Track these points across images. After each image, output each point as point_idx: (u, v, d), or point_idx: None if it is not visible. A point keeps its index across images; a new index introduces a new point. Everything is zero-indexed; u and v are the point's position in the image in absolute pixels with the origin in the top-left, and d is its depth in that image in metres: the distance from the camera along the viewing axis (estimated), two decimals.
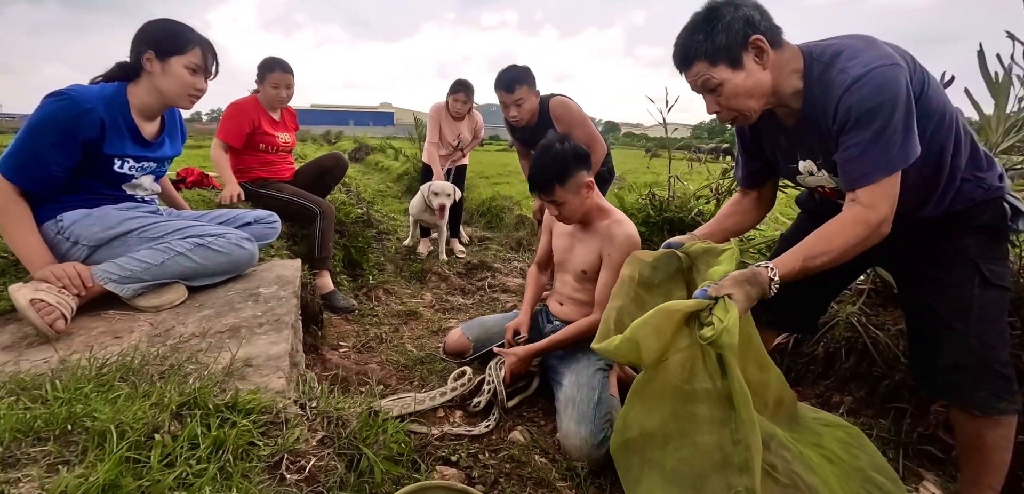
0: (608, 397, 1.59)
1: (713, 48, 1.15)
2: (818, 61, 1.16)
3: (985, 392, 1.20)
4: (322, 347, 2.02)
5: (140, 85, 1.52)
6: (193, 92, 1.54)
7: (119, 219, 1.48)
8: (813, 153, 1.27)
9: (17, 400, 0.87)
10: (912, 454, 1.68)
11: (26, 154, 1.36)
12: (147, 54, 1.48)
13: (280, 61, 2.68)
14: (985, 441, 1.24)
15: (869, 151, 1.09)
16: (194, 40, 1.53)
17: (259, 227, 1.89)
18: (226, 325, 1.29)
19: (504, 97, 2.61)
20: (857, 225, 1.12)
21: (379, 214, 4.98)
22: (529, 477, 1.37)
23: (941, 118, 1.17)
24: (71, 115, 1.36)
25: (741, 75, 1.15)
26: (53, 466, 0.70)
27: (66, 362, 1.05)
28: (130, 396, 0.88)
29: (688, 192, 3.48)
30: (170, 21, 1.55)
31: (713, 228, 1.57)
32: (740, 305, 1.08)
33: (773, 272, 1.13)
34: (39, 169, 1.38)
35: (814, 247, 1.15)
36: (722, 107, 1.21)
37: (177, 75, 1.50)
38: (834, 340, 2.08)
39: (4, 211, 1.38)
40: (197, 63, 1.53)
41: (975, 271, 1.20)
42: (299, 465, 0.84)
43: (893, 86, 1.06)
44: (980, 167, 1.23)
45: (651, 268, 1.44)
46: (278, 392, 0.98)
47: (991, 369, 1.19)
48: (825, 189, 1.34)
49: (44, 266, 1.37)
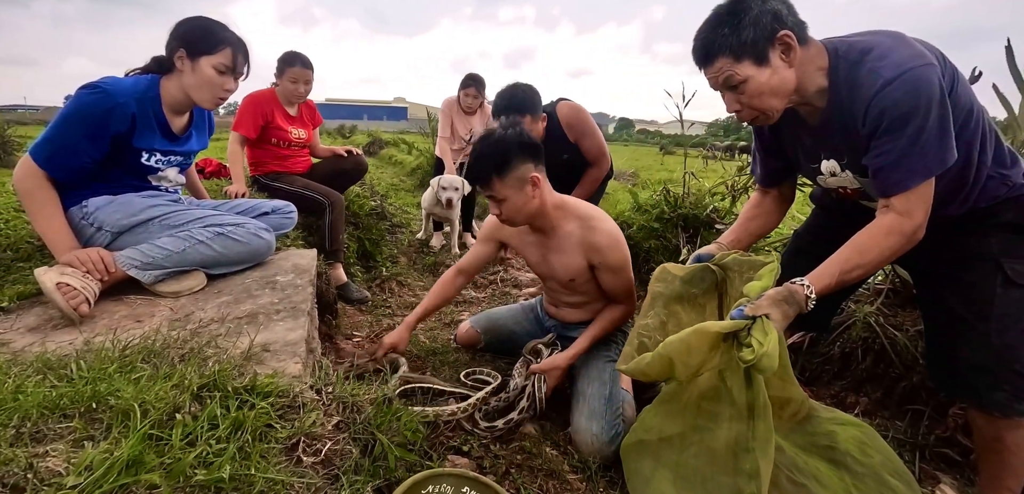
0: (619, 393, 1.59)
1: (739, 43, 1.10)
2: (845, 59, 1.12)
3: (1005, 393, 1.17)
4: (336, 336, 2.05)
5: (171, 80, 1.54)
6: (220, 93, 1.55)
7: (142, 207, 1.51)
8: (837, 153, 1.24)
9: (44, 378, 0.90)
10: (929, 457, 1.65)
11: (58, 143, 1.40)
12: (179, 52, 1.51)
13: (300, 56, 2.70)
14: (1005, 443, 1.22)
15: (905, 158, 1.06)
16: (226, 40, 1.53)
17: (276, 217, 1.91)
18: (244, 311, 1.32)
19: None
20: (892, 235, 1.10)
21: (392, 207, 5.01)
22: (540, 469, 1.38)
23: (969, 116, 1.14)
24: (104, 108, 1.39)
25: (766, 72, 1.11)
26: (78, 442, 0.72)
27: (90, 344, 1.08)
28: (152, 377, 0.90)
29: (703, 189, 3.45)
30: (204, 20, 1.55)
31: (738, 233, 1.54)
32: (777, 324, 1.06)
33: (809, 289, 1.10)
34: (69, 158, 1.41)
35: (850, 260, 1.12)
36: (744, 106, 1.17)
37: (205, 75, 1.51)
38: (851, 340, 2.05)
39: (33, 196, 1.41)
40: (226, 64, 1.53)
41: (998, 270, 1.18)
42: (315, 448, 0.85)
43: (927, 88, 1.02)
44: (1004, 164, 1.20)
45: (683, 282, 1.42)
46: (295, 377, 1.00)
47: (1012, 370, 1.17)
48: (846, 189, 1.31)
49: (69, 251, 1.40)
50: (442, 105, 3.79)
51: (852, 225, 1.20)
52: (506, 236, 1.80)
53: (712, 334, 1.09)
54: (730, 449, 1.18)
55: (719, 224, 3.11)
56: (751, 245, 1.58)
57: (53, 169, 1.41)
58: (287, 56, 2.70)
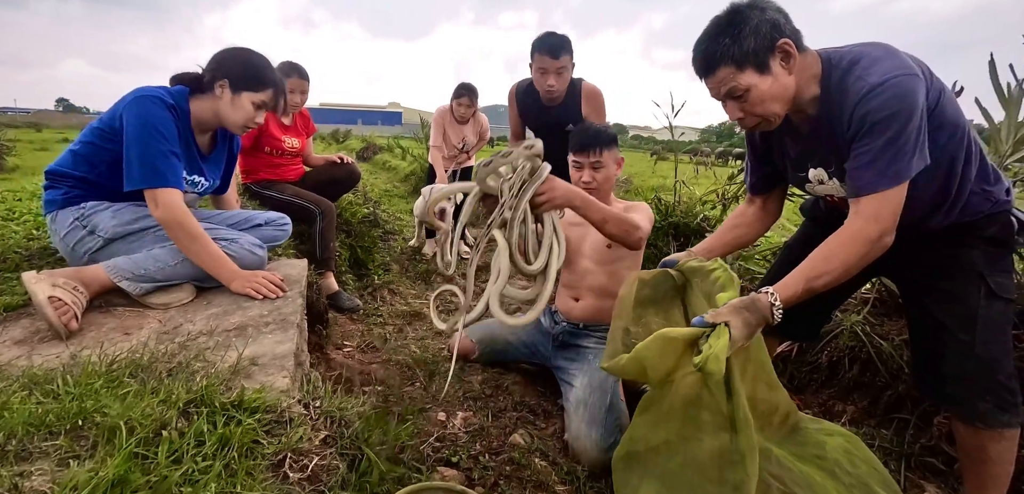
0: (619, 402, 1.60)
1: (740, 52, 1.11)
2: (837, 67, 1.15)
3: (988, 404, 1.19)
4: (327, 346, 2.05)
5: (204, 101, 1.56)
6: (251, 125, 1.60)
7: (137, 216, 1.51)
8: (825, 161, 1.26)
9: (30, 394, 0.89)
10: (914, 465, 1.67)
11: (164, 161, 1.43)
12: (222, 81, 1.53)
13: (296, 66, 2.71)
14: (988, 454, 1.24)
15: (879, 160, 1.08)
16: (270, 82, 1.58)
17: (270, 229, 1.91)
18: (233, 323, 1.32)
19: (547, 62, 2.38)
20: (856, 241, 1.11)
21: (385, 214, 5.01)
22: (529, 479, 1.39)
23: (954, 130, 1.16)
24: (172, 118, 1.45)
25: (768, 80, 1.13)
26: (64, 460, 0.72)
27: (77, 358, 1.07)
28: (139, 393, 0.90)
29: (694, 197, 3.48)
30: (255, 58, 1.59)
31: (714, 242, 1.56)
32: (738, 332, 1.07)
33: (774, 298, 1.12)
34: (177, 172, 1.46)
35: (815, 267, 1.14)
36: (747, 113, 1.19)
37: (244, 109, 1.55)
38: (838, 349, 2.08)
39: (193, 224, 1.46)
40: (266, 102, 1.57)
41: (981, 282, 1.20)
42: (302, 464, 0.86)
43: (911, 96, 1.05)
44: (988, 180, 1.23)
45: (649, 287, 1.45)
46: (283, 391, 1.00)
47: (995, 381, 1.19)
48: (833, 198, 1.33)
49: (238, 276, 1.50)
50: (435, 114, 3.81)
51: None
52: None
53: (675, 339, 1.11)
54: (715, 460, 1.19)
55: (709, 232, 3.13)
56: (726, 256, 1.60)
57: (177, 182, 1.45)
58: (283, 66, 2.71)
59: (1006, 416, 1.19)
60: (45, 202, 1.54)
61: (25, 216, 2.03)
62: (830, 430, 1.44)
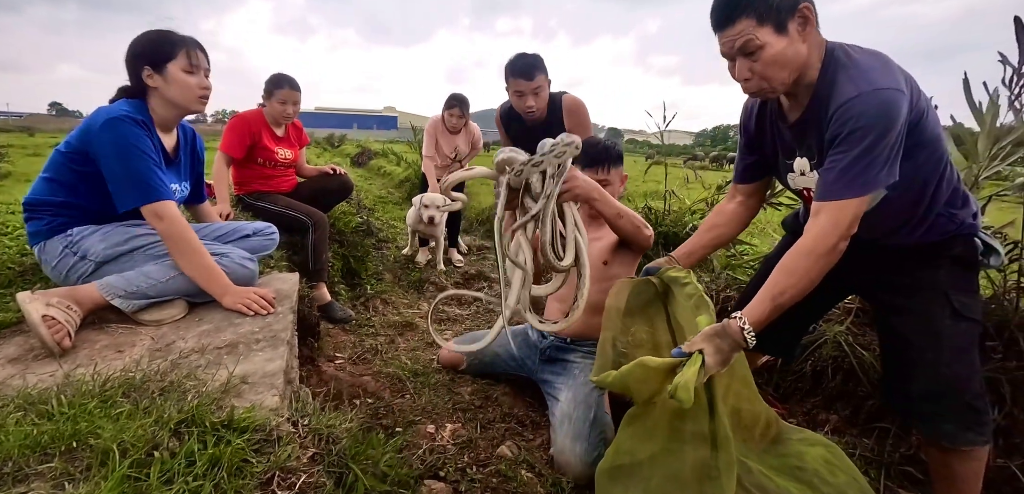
0: (603, 415, 1.63)
1: (764, 5, 1.11)
2: (836, 62, 1.17)
3: (953, 424, 1.22)
4: (318, 359, 2.07)
5: (153, 99, 1.57)
6: (199, 91, 1.59)
7: (126, 236, 1.54)
8: (809, 152, 1.28)
9: (25, 415, 0.92)
10: (893, 474, 1.71)
11: (155, 177, 1.46)
12: (145, 71, 1.53)
13: (288, 78, 2.75)
14: (954, 471, 1.26)
15: (850, 169, 1.10)
16: (180, 41, 1.56)
17: (258, 239, 1.93)
18: (224, 341, 1.34)
19: (522, 85, 2.42)
20: (812, 255, 1.14)
21: (379, 222, 5.03)
22: (515, 492, 1.42)
23: (933, 149, 1.19)
24: (145, 132, 1.48)
25: (784, 41, 1.13)
26: (59, 482, 0.75)
27: (71, 377, 1.10)
28: (132, 413, 0.93)
29: (684, 206, 3.53)
30: (150, 32, 1.58)
31: (693, 245, 1.60)
32: (711, 360, 1.11)
33: (744, 322, 1.15)
34: (164, 179, 1.50)
35: (778, 284, 1.17)
36: (754, 74, 1.18)
37: (179, 80, 1.55)
38: (822, 359, 2.12)
39: (193, 236, 1.50)
40: (189, 63, 1.56)
41: (946, 302, 1.23)
42: (290, 482, 0.88)
43: (892, 111, 1.07)
44: (956, 204, 1.26)
45: (634, 296, 1.49)
46: (272, 410, 1.03)
47: (961, 400, 1.21)
48: (810, 192, 1.35)
49: (231, 291, 1.53)
50: (427, 125, 3.85)
51: None
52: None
53: (656, 369, 1.15)
54: (696, 474, 1.23)
55: None
56: (705, 257, 1.63)
57: (170, 195, 1.49)
58: (275, 78, 2.75)
59: (971, 435, 1.21)
60: (30, 234, 1.55)
61: (18, 230, 2.04)
62: (812, 440, 1.48)
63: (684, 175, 4.06)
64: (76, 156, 1.49)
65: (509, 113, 2.69)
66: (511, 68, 2.45)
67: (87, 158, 1.47)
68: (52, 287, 1.59)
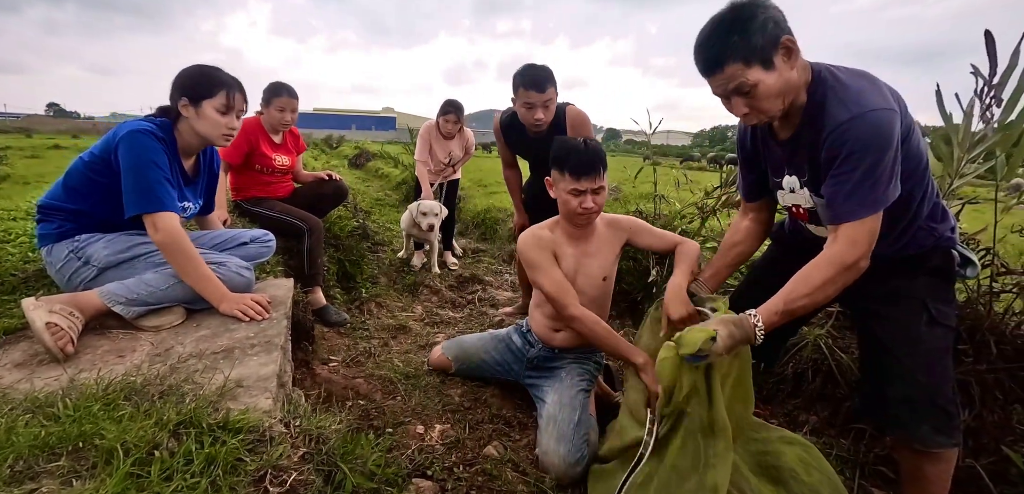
0: (587, 418, 1.68)
1: (748, 49, 1.15)
2: (825, 83, 1.21)
3: (927, 427, 1.27)
4: (313, 361, 2.13)
5: (182, 125, 1.68)
6: (225, 131, 1.70)
7: (129, 244, 1.61)
8: (799, 170, 1.33)
9: (33, 418, 0.98)
10: (867, 473, 1.77)
11: (160, 188, 1.53)
12: (182, 101, 1.64)
13: (286, 86, 2.82)
14: (925, 473, 1.32)
15: (857, 190, 1.15)
16: (222, 82, 1.68)
17: (255, 246, 2.00)
18: (221, 346, 1.40)
19: (533, 97, 2.35)
20: (834, 266, 1.19)
21: (375, 224, 5.09)
22: (499, 490, 1.48)
23: (917, 164, 1.25)
24: (161, 148, 1.57)
25: (773, 75, 1.17)
26: (67, 480, 0.81)
27: (75, 381, 1.16)
28: (133, 415, 0.99)
29: (674, 210, 3.59)
30: (201, 67, 1.70)
31: (717, 266, 1.64)
32: (722, 342, 1.18)
33: (757, 319, 1.21)
34: (172, 193, 1.57)
35: (794, 290, 1.21)
36: (752, 109, 1.23)
37: (209, 117, 1.66)
38: (802, 361, 2.18)
39: (189, 246, 1.56)
40: (225, 104, 1.67)
41: (923, 310, 1.28)
42: (281, 479, 0.95)
43: (887, 130, 1.13)
44: (936, 218, 1.32)
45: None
46: (265, 412, 1.09)
47: (936, 404, 1.27)
48: (800, 209, 1.40)
49: (227, 298, 1.60)
50: (421, 130, 3.92)
51: (801, 258, 1.29)
52: (548, 244, 1.83)
53: (672, 353, 1.24)
54: (693, 464, 1.29)
55: None
56: (729, 275, 1.68)
57: (174, 207, 1.57)
58: (273, 86, 2.81)
59: (942, 437, 1.27)
60: (39, 236, 1.63)
61: (21, 237, 2.09)
62: (790, 439, 1.55)
63: (675, 177, 4.12)
64: (97, 163, 1.58)
65: (510, 122, 2.65)
66: (522, 79, 2.39)
67: (107, 166, 1.56)
68: (54, 288, 1.67)
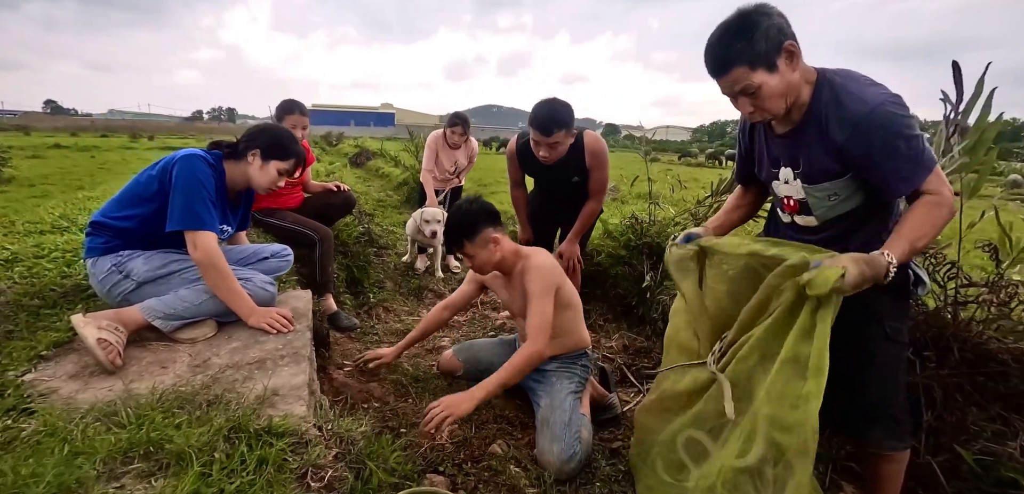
0: (578, 418, 1.83)
1: (753, 54, 1.24)
2: (831, 83, 1.29)
3: (880, 433, 1.42)
4: (329, 367, 2.29)
5: (237, 166, 1.89)
6: (274, 187, 1.95)
7: (166, 261, 1.77)
8: (794, 163, 1.41)
9: (103, 425, 1.14)
10: (839, 469, 1.93)
11: (207, 211, 1.70)
12: (254, 151, 1.86)
13: (298, 104, 2.98)
14: (880, 472, 1.48)
15: (908, 160, 1.23)
16: (293, 153, 1.93)
17: (275, 261, 2.15)
18: (254, 357, 1.56)
19: (537, 137, 2.41)
20: (939, 207, 1.23)
21: (379, 227, 5.23)
22: (504, 484, 1.65)
23: None
24: (212, 176, 1.75)
25: (776, 77, 1.26)
26: (147, 480, 0.97)
27: (130, 390, 1.31)
28: (189, 422, 1.15)
29: (668, 216, 3.75)
30: (283, 134, 1.95)
31: (721, 220, 1.76)
32: (851, 278, 1.14)
33: (891, 258, 1.19)
34: (214, 215, 1.74)
35: (915, 230, 1.23)
36: (756, 108, 1.31)
37: (270, 175, 1.90)
38: None
39: (224, 265, 1.72)
40: (288, 169, 1.93)
41: (880, 328, 1.41)
42: (320, 476, 1.11)
43: (905, 109, 1.23)
44: None
45: (676, 266, 1.67)
46: (301, 417, 1.25)
47: (888, 413, 1.42)
48: (792, 200, 1.48)
49: (255, 312, 1.76)
50: (428, 139, 4.08)
51: None
52: (483, 280, 2.19)
53: (794, 265, 1.25)
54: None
55: None
56: (729, 232, 1.81)
57: (215, 228, 1.73)
58: (286, 104, 2.96)
59: (893, 442, 1.43)
60: (87, 248, 1.78)
61: (54, 253, 2.24)
62: None
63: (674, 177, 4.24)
64: (152, 182, 1.75)
65: (525, 149, 2.69)
66: (532, 118, 2.44)
67: (160, 186, 1.73)
68: (92, 301, 1.83)
